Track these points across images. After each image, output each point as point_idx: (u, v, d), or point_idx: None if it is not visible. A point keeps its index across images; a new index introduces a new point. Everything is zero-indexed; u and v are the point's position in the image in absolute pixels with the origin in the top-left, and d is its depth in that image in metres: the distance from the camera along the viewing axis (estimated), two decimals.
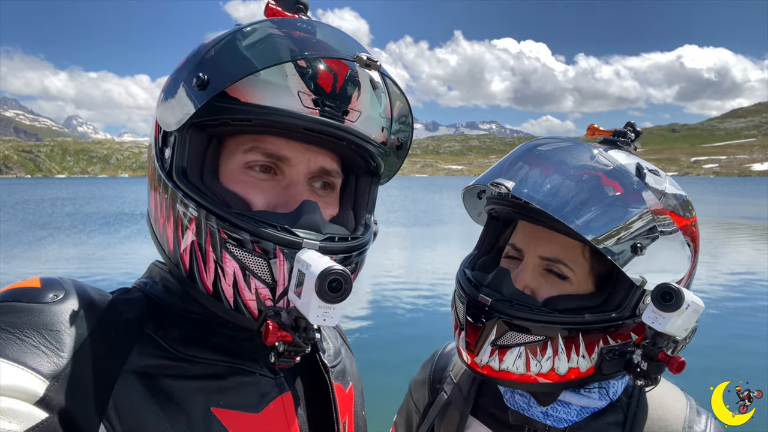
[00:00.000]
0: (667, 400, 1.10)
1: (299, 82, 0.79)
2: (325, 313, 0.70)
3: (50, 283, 0.77)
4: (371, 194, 0.98)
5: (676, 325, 0.93)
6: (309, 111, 0.80)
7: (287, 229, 0.77)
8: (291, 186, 0.84)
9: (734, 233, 22.38)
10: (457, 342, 1.11)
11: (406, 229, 22.72)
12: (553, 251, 1.05)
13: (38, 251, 16.54)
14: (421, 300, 9.97)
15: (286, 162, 0.84)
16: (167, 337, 0.80)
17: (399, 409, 1.44)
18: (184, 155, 0.81)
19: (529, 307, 1.01)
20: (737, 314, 9.25)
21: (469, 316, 1.05)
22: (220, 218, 0.76)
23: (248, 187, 0.83)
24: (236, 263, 0.77)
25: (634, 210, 0.97)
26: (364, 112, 0.85)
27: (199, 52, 0.83)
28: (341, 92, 0.82)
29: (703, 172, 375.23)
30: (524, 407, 1.11)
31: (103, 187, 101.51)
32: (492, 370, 1.04)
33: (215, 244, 0.77)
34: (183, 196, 0.79)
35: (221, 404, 0.78)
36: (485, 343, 1.03)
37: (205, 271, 0.79)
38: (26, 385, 0.66)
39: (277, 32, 0.82)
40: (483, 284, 1.08)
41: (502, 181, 1.00)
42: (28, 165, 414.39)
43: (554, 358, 1.00)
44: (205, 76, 0.77)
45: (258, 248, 0.76)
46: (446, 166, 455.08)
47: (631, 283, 0.99)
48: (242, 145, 0.84)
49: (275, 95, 0.79)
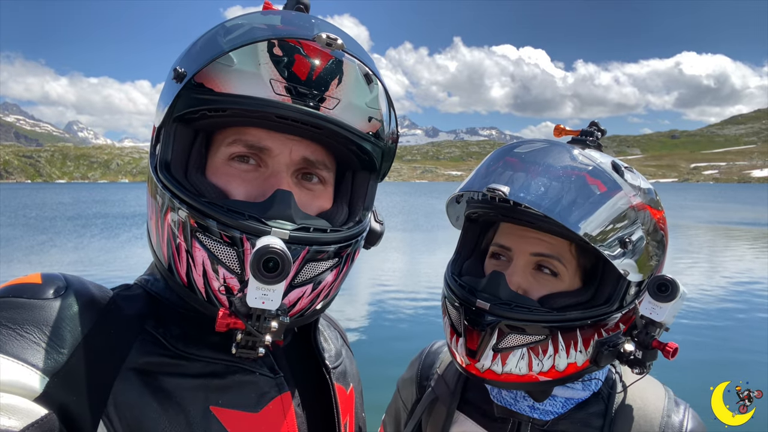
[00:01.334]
0: (646, 391, 1.13)
1: (272, 69, 0.79)
2: (264, 295, 0.69)
3: (51, 279, 0.77)
4: (368, 190, 0.97)
5: (670, 314, 1.00)
6: (281, 98, 0.79)
7: (255, 217, 0.77)
8: (272, 177, 0.84)
9: (734, 239, 22.39)
10: (455, 348, 1.10)
11: (407, 234, 22.72)
12: (545, 248, 1.07)
13: (40, 255, 16.55)
14: (420, 303, 9.96)
15: (268, 153, 0.84)
16: (167, 334, 0.80)
17: (387, 408, 1.44)
18: (168, 149, 0.83)
19: (528, 309, 1.01)
20: (738, 314, 9.26)
21: (467, 323, 1.05)
22: (190, 207, 0.76)
23: (230, 179, 0.83)
24: (205, 252, 0.77)
25: (619, 206, 1.01)
26: (344, 99, 0.83)
27: (187, 50, 0.85)
28: (318, 80, 0.81)
29: (703, 178, 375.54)
30: (511, 402, 1.12)
31: (104, 192, 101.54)
32: (494, 374, 1.04)
33: (186, 233, 0.77)
34: (162, 187, 0.80)
35: (220, 403, 0.78)
36: (487, 348, 1.03)
37: (179, 261, 0.80)
38: (26, 381, 0.65)
39: (249, 21, 0.83)
40: (477, 289, 1.07)
41: (497, 186, 1.00)
42: (28, 170, 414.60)
43: (555, 355, 1.02)
44: (182, 69, 0.79)
45: (225, 237, 0.76)
46: (446, 172, 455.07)
47: (618, 276, 1.02)
48: (226, 138, 0.85)
49: (247, 84, 0.79)
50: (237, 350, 0.76)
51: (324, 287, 0.85)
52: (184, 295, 0.82)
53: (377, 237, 1.01)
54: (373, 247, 1.02)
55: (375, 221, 1.02)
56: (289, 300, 0.81)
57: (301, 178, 0.88)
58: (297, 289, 0.81)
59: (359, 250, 0.94)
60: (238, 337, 0.75)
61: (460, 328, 1.07)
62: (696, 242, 20.25)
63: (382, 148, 0.94)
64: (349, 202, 0.95)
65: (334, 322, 1.20)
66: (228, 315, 0.74)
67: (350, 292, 10.63)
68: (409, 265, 14.54)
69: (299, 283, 0.81)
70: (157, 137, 0.87)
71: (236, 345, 0.75)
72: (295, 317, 0.84)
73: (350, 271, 0.93)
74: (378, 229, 1.01)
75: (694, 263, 14.67)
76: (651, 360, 1.02)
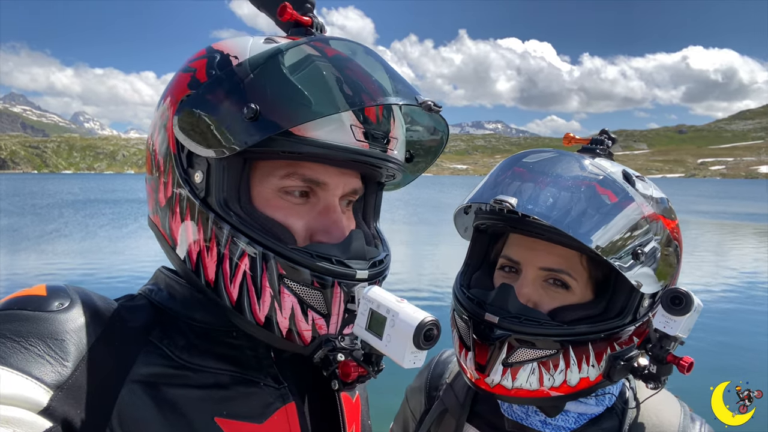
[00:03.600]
0: (661, 406, 1.10)
1: (351, 115, 0.78)
2: (415, 357, 0.73)
3: (56, 291, 0.77)
4: (377, 202, 0.98)
5: (684, 327, 0.97)
6: (361, 144, 0.79)
7: (342, 261, 0.79)
8: (329, 211, 0.83)
9: (740, 234, 22.25)
10: (464, 362, 1.08)
11: (412, 227, 22.71)
12: (554, 262, 1.05)
13: (53, 245, 16.70)
14: (425, 303, 9.96)
15: (323, 186, 0.83)
16: (172, 345, 0.79)
17: (395, 416, 1.43)
18: (223, 184, 0.78)
19: (538, 322, 1.00)
20: (739, 313, 9.22)
21: (476, 336, 1.03)
22: (278, 254, 0.76)
23: (287, 213, 0.81)
24: (294, 298, 0.78)
25: (631, 217, 0.99)
26: (399, 138, 0.86)
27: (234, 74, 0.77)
28: (383, 121, 0.82)
29: (710, 173, 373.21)
30: (522, 416, 1.10)
31: (112, 182, 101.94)
32: (504, 389, 1.02)
33: (272, 279, 0.77)
34: (231, 229, 0.77)
35: (225, 414, 0.78)
36: (496, 363, 1.01)
37: (259, 305, 0.79)
38: (30, 394, 0.65)
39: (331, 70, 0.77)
40: (486, 302, 1.05)
41: (505, 198, 0.98)
42: (34, 160, 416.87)
43: (566, 370, 1.00)
44: (256, 107, 0.72)
45: (317, 283, 0.77)
46: (451, 166, 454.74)
47: (631, 288, 1.00)
48: (278, 170, 0.81)
49: (330, 130, 0.76)
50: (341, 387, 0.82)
51: None
52: (253, 332, 0.82)
53: None
54: None
55: None
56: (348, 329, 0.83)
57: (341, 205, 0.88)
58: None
59: None
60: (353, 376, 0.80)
61: (469, 341, 1.05)
62: (701, 238, 20.14)
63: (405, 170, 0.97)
64: (363, 214, 0.97)
65: None
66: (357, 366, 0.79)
67: None
68: (414, 258, 14.53)
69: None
70: (188, 161, 0.81)
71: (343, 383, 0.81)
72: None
73: None
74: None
75: (700, 260, 14.59)
76: (666, 375, 1.00)
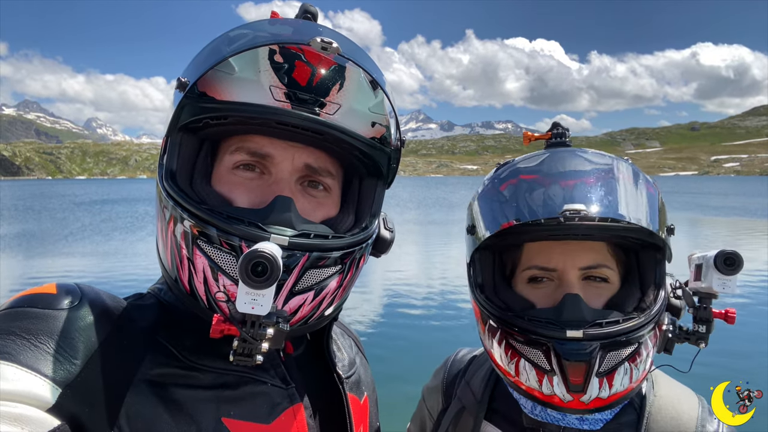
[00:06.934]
0: (679, 400, 1.09)
1: (272, 76, 0.79)
2: (253, 300, 0.67)
3: (66, 290, 0.77)
4: (375, 197, 0.95)
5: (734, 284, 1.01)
6: (280, 104, 0.79)
7: (255, 223, 0.76)
8: (274, 184, 0.84)
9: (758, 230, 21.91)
10: (547, 389, 1.00)
11: (422, 227, 22.68)
12: (593, 259, 1.04)
13: (73, 246, 16.90)
14: (437, 302, 9.93)
15: (271, 160, 0.84)
16: (180, 345, 0.80)
17: (413, 416, 1.43)
18: (174, 159, 0.83)
19: (617, 321, 0.98)
20: (741, 313, 9.03)
21: (567, 358, 0.96)
22: (191, 215, 0.76)
23: (233, 187, 0.83)
24: (205, 259, 0.76)
25: (656, 196, 1.06)
26: (345, 104, 0.83)
27: (191, 60, 0.86)
28: (318, 85, 0.80)
29: (724, 170, 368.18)
30: (559, 417, 1.06)
31: (128, 188, 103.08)
32: (601, 400, 0.98)
33: (188, 241, 0.77)
34: (166, 196, 0.80)
35: (232, 414, 0.77)
36: (591, 377, 0.96)
37: (182, 269, 0.80)
38: (39, 391, 0.65)
39: (252, 30, 0.83)
40: (558, 320, 0.98)
41: (574, 206, 0.96)
42: (48, 167, 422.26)
43: (646, 357, 1.01)
44: (184, 78, 0.81)
45: (225, 243, 0.75)
46: (461, 166, 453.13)
47: (655, 261, 1.06)
48: (230, 147, 0.85)
49: (247, 91, 0.79)
50: (234, 357, 0.73)
51: (327, 294, 0.84)
52: (188, 303, 0.82)
53: (387, 245, 0.99)
54: (383, 255, 1.00)
55: (385, 228, 1.00)
56: (290, 307, 0.79)
57: (306, 186, 0.87)
58: (298, 296, 0.80)
59: (365, 257, 0.93)
60: (234, 344, 0.73)
61: (551, 365, 0.98)
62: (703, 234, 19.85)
63: (388, 153, 0.92)
64: (356, 209, 0.94)
65: (349, 330, 1.19)
66: (222, 321, 0.73)
67: (363, 289, 10.64)
68: (425, 257, 14.51)
69: (300, 291, 0.80)
70: (164, 148, 0.88)
71: (233, 352, 0.73)
72: (298, 325, 0.83)
73: (358, 277, 0.92)
74: (387, 236, 1.00)
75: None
76: (711, 332, 1.04)
